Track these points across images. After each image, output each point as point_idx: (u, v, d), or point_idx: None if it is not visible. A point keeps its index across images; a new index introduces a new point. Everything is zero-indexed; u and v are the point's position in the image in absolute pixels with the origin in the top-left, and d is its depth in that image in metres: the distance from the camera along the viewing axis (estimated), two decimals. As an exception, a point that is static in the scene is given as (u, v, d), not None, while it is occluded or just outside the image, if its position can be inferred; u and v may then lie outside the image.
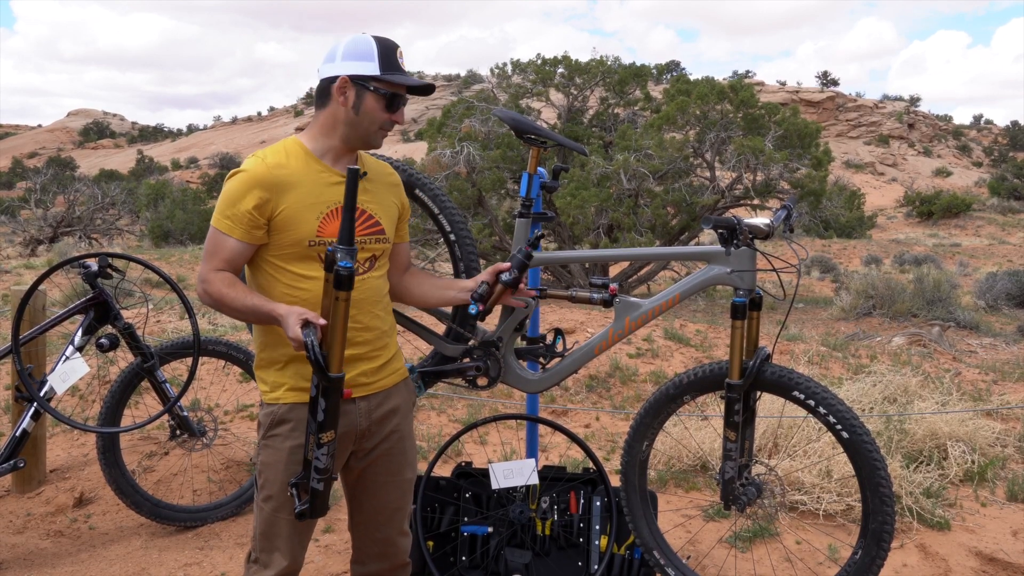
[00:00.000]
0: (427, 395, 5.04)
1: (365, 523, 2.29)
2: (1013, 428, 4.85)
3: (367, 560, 2.34)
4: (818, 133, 14.37)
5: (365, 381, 2.15)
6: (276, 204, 2.03)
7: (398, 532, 2.31)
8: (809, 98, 72.31)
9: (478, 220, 14.10)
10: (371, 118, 2.08)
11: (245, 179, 2.03)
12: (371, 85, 2.06)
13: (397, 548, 2.33)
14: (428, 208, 2.67)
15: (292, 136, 2.16)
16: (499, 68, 17.72)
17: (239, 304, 2.02)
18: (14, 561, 3.32)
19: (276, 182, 2.03)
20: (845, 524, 3.63)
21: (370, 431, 2.18)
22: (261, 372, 2.17)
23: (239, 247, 2.05)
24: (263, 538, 2.17)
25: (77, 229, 23.49)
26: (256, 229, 2.04)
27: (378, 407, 2.18)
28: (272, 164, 2.05)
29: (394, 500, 2.28)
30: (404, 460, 2.27)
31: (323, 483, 1.97)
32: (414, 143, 58.96)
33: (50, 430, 4.49)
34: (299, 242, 2.05)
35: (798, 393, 2.33)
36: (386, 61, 2.06)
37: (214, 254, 2.06)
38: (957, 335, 9.73)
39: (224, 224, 2.04)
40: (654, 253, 3.17)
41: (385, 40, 2.10)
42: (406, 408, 2.29)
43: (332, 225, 2.07)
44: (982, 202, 40.97)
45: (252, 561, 2.21)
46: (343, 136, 2.11)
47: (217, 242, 2.06)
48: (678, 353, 6.07)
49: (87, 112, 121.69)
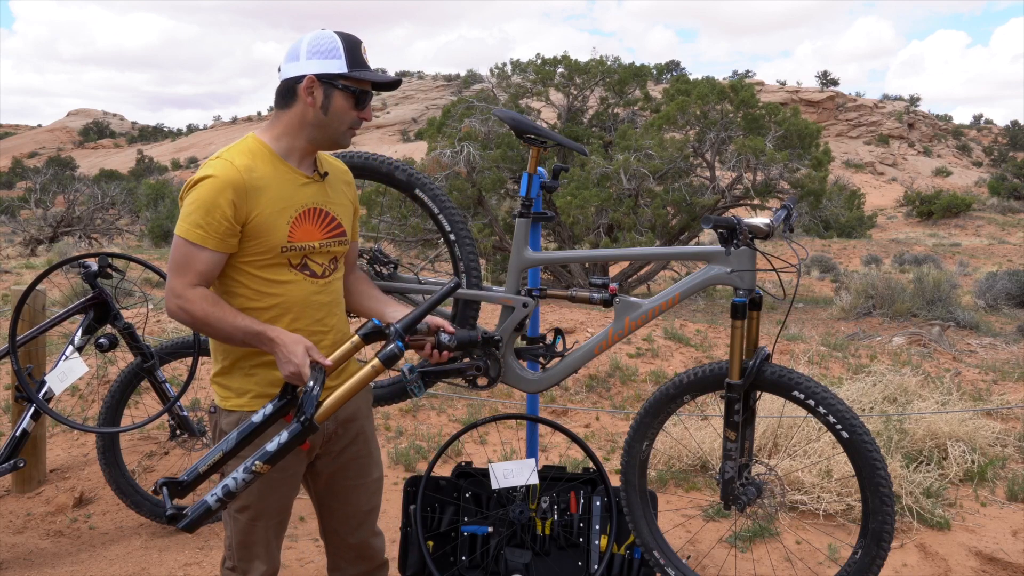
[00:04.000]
0: (427, 395, 5.04)
1: (337, 529, 2.28)
2: (1013, 428, 4.85)
3: (345, 565, 2.32)
4: (818, 133, 14.36)
5: (329, 384, 2.05)
6: (249, 210, 1.93)
7: (371, 533, 2.32)
8: (809, 98, 72.31)
9: (478, 220, 14.09)
10: (340, 118, 2.01)
11: (217, 185, 1.90)
12: (339, 83, 1.98)
13: (373, 549, 2.33)
14: (428, 208, 2.67)
15: (252, 134, 2.05)
16: (499, 68, 17.71)
17: (226, 325, 1.91)
18: (14, 561, 3.32)
19: (248, 187, 1.93)
20: (845, 524, 3.63)
21: (336, 433, 2.17)
22: (222, 378, 2.08)
23: (214, 258, 1.92)
24: (241, 547, 2.13)
25: (77, 229, 23.47)
26: (231, 237, 1.93)
27: (343, 409, 2.10)
28: (242, 168, 1.94)
29: (365, 502, 2.27)
30: (370, 461, 2.27)
31: (220, 505, 1.88)
32: (414, 143, 58.93)
33: (50, 430, 4.49)
34: (271, 248, 1.97)
35: (798, 393, 2.33)
36: (352, 58, 1.99)
37: (186, 267, 1.91)
38: (957, 335, 9.73)
39: (196, 234, 1.89)
40: (654, 253, 3.17)
41: (348, 36, 2.03)
42: (366, 408, 2.29)
43: (302, 229, 2.01)
44: (982, 202, 40.97)
45: (229, 569, 2.18)
46: (310, 137, 2.03)
47: (188, 255, 1.91)
48: (678, 353, 6.07)
49: (87, 112, 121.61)
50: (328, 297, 2.08)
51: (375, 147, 11.90)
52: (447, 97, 66.09)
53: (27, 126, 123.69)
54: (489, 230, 14.08)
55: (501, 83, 17.44)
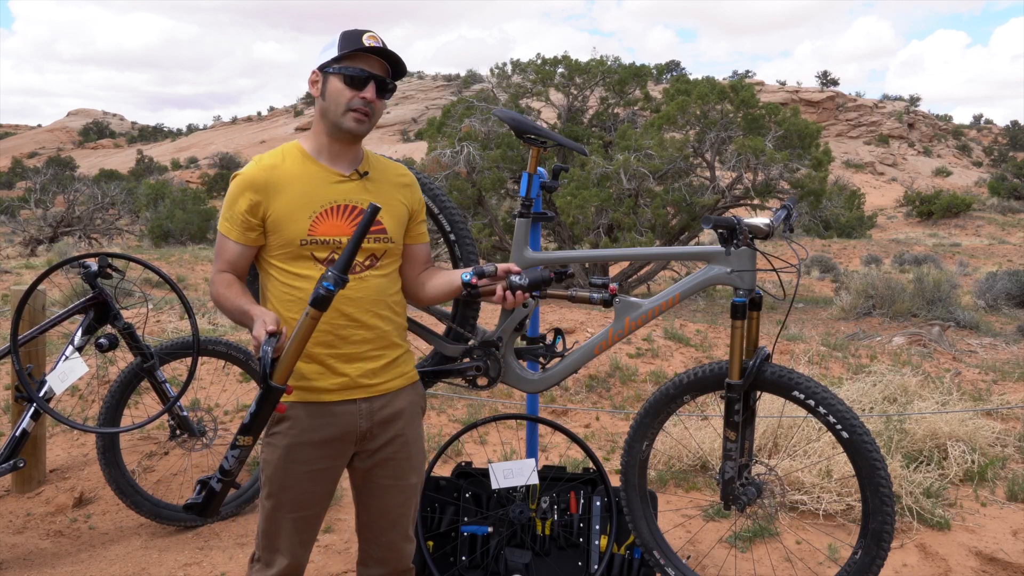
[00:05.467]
0: (427, 395, 5.04)
1: (370, 525, 2.28)
2: (1013, 428, 4.85)
3: (371, 563, 2.32)
4: (818, 133, 14.38)
5: (367, 383, 2.13)
6: (267, 206, 2.06)
7: (402, 537, 2.29)
8: (809, 98, 72.34)
9: (478, 220, 14.11)
10: (336, 100, 2.06)
11: (239, 182, 2.08)
12: (331, 67, 2.07)
13: (400, 553, 2.30)
14: (428, 208, 2.67)
15: (295, 140, 2.19)
16: (499, 68, 17.73)
17: (229, 304, 2.06)
18: (14, 561, 3.32)
19: (267, 183, 2.06)
20: (845, 524, 3.63)
21: (372, 433, 2.16)
22: None
23: (237, 249, 2.10)
24: (265, 536, 2.17)
25: (77, 229, 23.48)
26: (250, 231, 2.08)
27: (381, 409, 2.15)
28: (265, 166, 2.09)
29: (398, 505, 2.25)
30: (409, 465, 2.25)
31: (223, 484, 1.96)
32: (414, 143, 58.97)
33: (50, 430, 4.49)
34: (291, 241, 2.06)
35: (798, 393, 2.33)
36: (345, 43, 2.06)
37: (219, 256, 2.12)
38: (957, 335, 9.74)
39: (224, 227, 2.10)
40: (654, 253, 3.16)
41: (352, 29, 2.10)
42: (412, 413, 2.26)
43: (325, 224, 2.07)
44: (982, 202, 41.00)
45: (255, 560, 2.21)
46: (325, 129, 2.12)
47: (220, 244, 2.12)
48: (678, 353, 6.07)
49: (87, 112, 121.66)
50: (360, 294, 2.10)
51: (375, 147, 11.98)
52: (447, 97, 66.15)
53: (27, 126, 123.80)
54: (489, 230, 14.08)
55: (501, 83, 17.46)
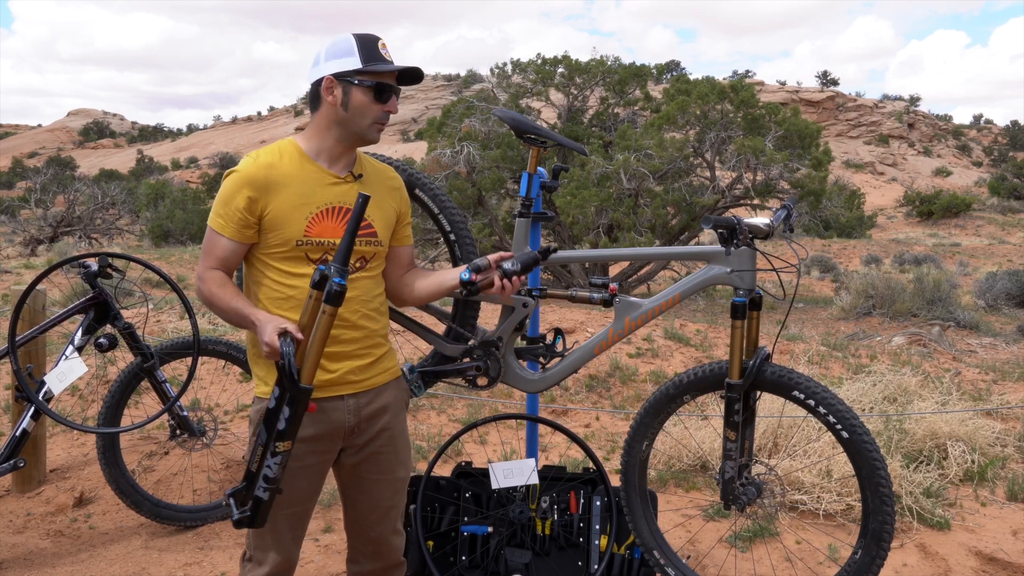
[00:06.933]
0: (427, 395, 5.04)
1: (358, 521, 2.29)
2: (1013, 428, 4.85)
3: (361, 559, 2.34)
4: (818, 133, 14.38)
5: (354, 379, 2.15)
6: (265, 204, 2.05)
7: (391, 531, 2.31)
8: (809, 98, 72.33)
9: (478, 220, 14.11)
10: (361, 112, 2.07)
11: (236, 179, 2.06)
12: (355, 79, 2.05)
13: (391, 547, 2.32)
14: (428, 208, 2.67)
15: (290, 137, 2.18)
16: (499, 68, 17.73)
17: (224, 305, 2.05)
18: (14, 561, 3.32)
19: (265, 181, 2.05)
20: (845, 524, 3.63)
21: (359, 428, 2.18)
22: (254, 367, 2.19)
23: (231, 246, 2.08)
24: (256, 535, 2.17)
25: (77, 229, 23.49)
26: (246, 228, 2.06)
27: (367, 404, 2.18)
28: (263, 164, 2.07)
29: (386, 498, 2.27)
30: (396, 459, 2.27)
31: (269, 493, 1.95)
32: (414, 143, 58.95)
33: (50, 430, 4.49)
34: (287, 241, 2.06)
35: (798, 393, 2.33)
36: (367, 53, 2.06)
37: (209, 252, 2.10)
38: (957, 335, 9.73)
39: (217, 223, 2.07)
40: (654, 253, 3.16)
41: (365, 35, 2.09)
42: (397, 406, 2.28)
43: (321, 225, 2.07)
44: (982, 202, 41.00)
45: (247, 559, 2.22)
46: (337, 136, 2.11)
47: (211, 241, 2.09)
48: (678, 353, 6.07)
49: (87, 112, 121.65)
50: (350, 294, 2.10)
51: (375, 147, 11.98)
52: (447, 97, 66.08)
53: (27, 126, 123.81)
54: (489, 230, 14.08)
55: (501, 83, 17.46)
